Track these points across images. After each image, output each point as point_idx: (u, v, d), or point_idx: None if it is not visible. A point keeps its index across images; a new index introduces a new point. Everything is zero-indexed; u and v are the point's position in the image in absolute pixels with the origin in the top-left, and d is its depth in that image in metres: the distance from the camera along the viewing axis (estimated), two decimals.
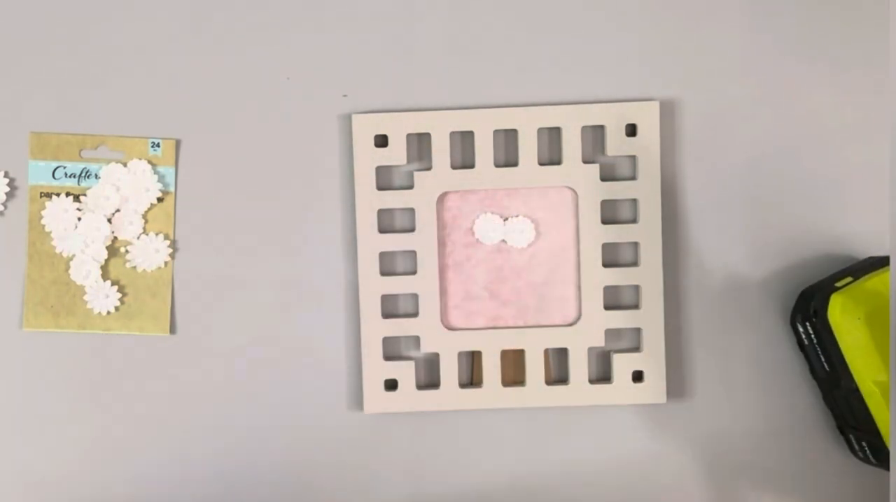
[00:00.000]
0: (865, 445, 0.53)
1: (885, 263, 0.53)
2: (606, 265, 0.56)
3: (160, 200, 0.57)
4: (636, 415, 0.57)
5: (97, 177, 0.56)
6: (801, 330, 0.54)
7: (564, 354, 0.56)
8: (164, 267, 0.57)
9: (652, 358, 0.56)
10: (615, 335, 0.56)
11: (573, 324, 0.56)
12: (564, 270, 0.56)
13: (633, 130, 0.55)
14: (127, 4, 0.56)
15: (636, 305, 0.56)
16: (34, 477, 0.57)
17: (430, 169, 0.56)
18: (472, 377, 0.57)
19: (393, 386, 0.56)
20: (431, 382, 0.57)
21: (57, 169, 0.56)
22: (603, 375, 0.57)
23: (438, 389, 0.56)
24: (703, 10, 0.56)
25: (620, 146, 0.55)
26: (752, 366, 0.57)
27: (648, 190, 0.55)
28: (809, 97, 0.56)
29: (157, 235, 0.56)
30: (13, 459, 0.57)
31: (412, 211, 0.56)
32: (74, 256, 0.56)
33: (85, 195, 0.56)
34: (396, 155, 0.55)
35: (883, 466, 0.53)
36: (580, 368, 0.56)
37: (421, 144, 0.56)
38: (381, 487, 0.57)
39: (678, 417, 0.57)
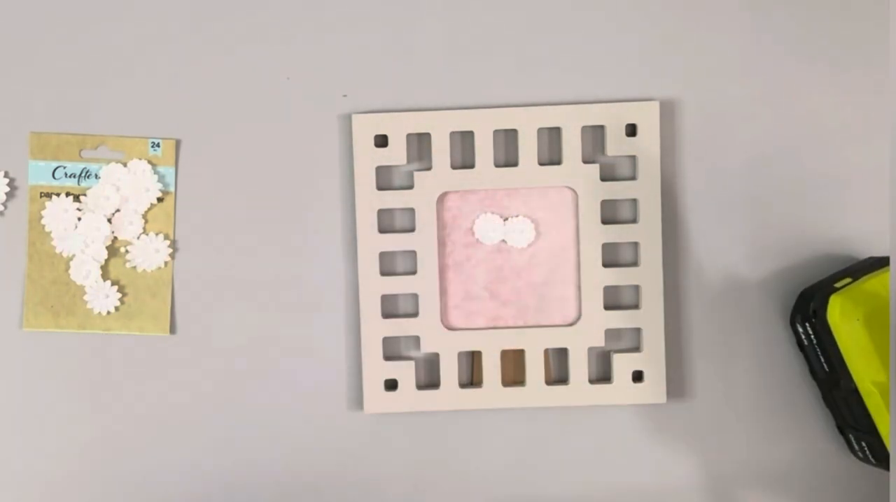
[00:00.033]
0: (865, 445, 0.53)
1: (884, 264, 0.53)
2: (606, 265, 0.56)
3: (160, 200, 0.57)
4: (636, 415, 0.57)
5: (97, 177, 0.56)
6: (800, 330, 0.54)
7: (564, 354, 0.56)
8: (164, 267, 0.57)
9: (652, 358, 0.56)
10: (615, 335, 0.57)
11: (573, 324, 0.56)
12: (564, 270, 0.56)
13: (633, 130, 0.55)
14: (127, 4, 0.56)
15: (636, 305, 0.56)
16: (34, 477, 0.57)
17: (430, 169, 0.56)
18: (472, 377, 0.57)
19: (393, 386, 0.56)
20: (431, 382, 0.57)
21: (57, 169, 0.56)
22: (603, 375, 0.57)
23: (438, 389, 0.56)
24: (703, 10, 0.56)
25: (620, 146, 0.55)
26: (752, 366, 0.57)
27: (648, 190, 0.55)
28: (809, 97, 0.56)
29: (157, 235, 0.56)
30: (13, 459, 0.57)
31: (412, 211, 0.56)
32: (74, 256, 0.56)
33: (85, 195, 0.56)
34: (396, 155, 0.55)
35: (882, 466, 0.53)
36: (580, 368, 0.56)
37: (421, 144, 0.56)
38: (381, 487, 0.57)
39: (678, 417, 0.57)
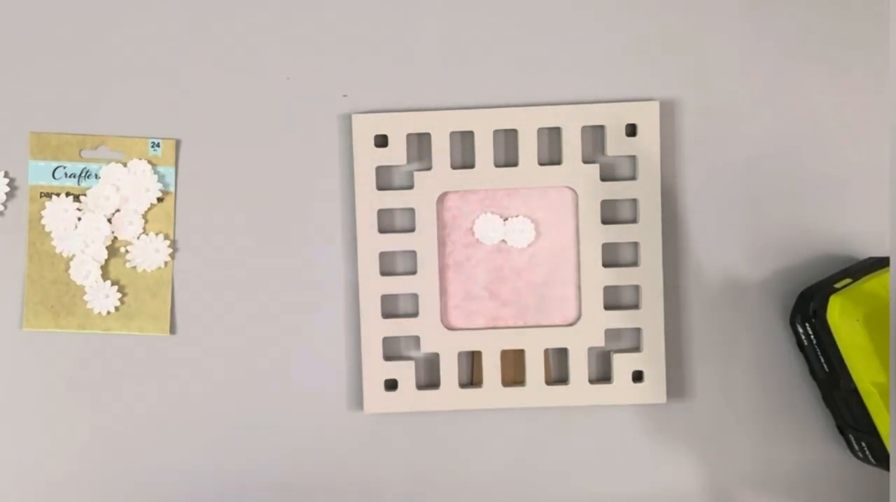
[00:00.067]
0: (865, 445, 0.53)
1: (884, 264, 0.53)
2: (606, 265, 0.56)
3: (160, 200, 0.57)
4: (636, 415, 0.57)
5: (97, 177, 0.56)
6: (800, 330, 0.54)
7: (564, 354, 0.56)
8: (164, 267, 0.57)
9: (652, 358, 0.56)
10: (615, 335, 0.56)
11: (573, 324, 0.56)
12: (564, 270, 0.56)
13: (633, 130, 0.55)
14: (127, 5, 0.56)
15: (636, 305, 0.56)
16: (34, 477, 0.57)
17: (430, 169, 0.56)
18: (472, 377, 0.57)
19: (393, 386, 0.56)
20: (431, 382, 0.57)
21: (57, 169, 0.56)
22: (603, 375, 0.57)
23: (438, 389, 0.56)
24: (703, 10, 0.56)
25: (620, 146, 0.55)
26: (752, 366, 0.57)
27: (648, 190, 0.55)
28: (809, 97, 0.56)
29: (157, 235, 0.56)
30: (13, 459, 0.57)
31: (412, 211, 0.56)
32: (74, 256, 0.56)
33: (85, 195, 0.56)
34: (396, 155, 0.55)
35: (882, 466, 0.53)
36: (580, 368, 0.56)
37: (421, 144, 0.56)
38: (381, 487, 0.57)
39: (678, 417, 0.57)
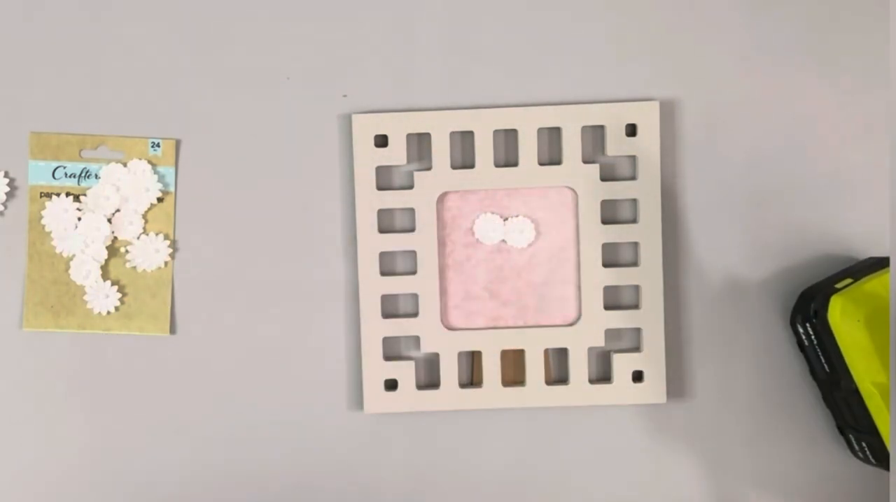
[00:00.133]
0: (865, 446, 0.53)
1: (884, 264, 0.53)
2: (606, 265, 0.56)
3: (160, 200, 0.57)
4: (636, 415, 0.57)
5: (97, 177, 0.56)
6: (801, 330, 0.54)
7: (564, 354, 0.56)
8: (164, 267, 0.57)
9: (652, 358, 0.56)
10: (615, 335, 0.56)
11: (573, 324, 0.56)
12: (564, 270, 0.56)
13: (633, 130, 0.55)
14: (127, 4, 0.56)
15: (636, 305, 0.56)
16: (34, 477, 0.57)
17: (430, 169, 0.56)
18: (472, 377, 0.57)
19: (393, 386, 0.56)
20: (431, 382, 0.57)
21: (57, 169, 0.56)
22: (603, 375, 0.57)
23: (438, 389, 0.56)
24: (703, 10, 0.56)
25: (620, 146, 0.55)
26: (752, 366, 0.57)
27: (648, 190, 0.55)
28: (809, 97, 0.56)
29: (157, 235, 0.56)
30: (13, 459, 0.57)
31: (412, 211, 0.56)
32: (74, 256, 0.56)
33: (85, 195, 0.56)
34: (396, 155, 0.55)
35: (882, 466, 0.53)
36: (580, 368, 0.56)
37: (421, 144, 0.56)
38: (381, 487, 0.57)
39: (678, 417, 0.57)
